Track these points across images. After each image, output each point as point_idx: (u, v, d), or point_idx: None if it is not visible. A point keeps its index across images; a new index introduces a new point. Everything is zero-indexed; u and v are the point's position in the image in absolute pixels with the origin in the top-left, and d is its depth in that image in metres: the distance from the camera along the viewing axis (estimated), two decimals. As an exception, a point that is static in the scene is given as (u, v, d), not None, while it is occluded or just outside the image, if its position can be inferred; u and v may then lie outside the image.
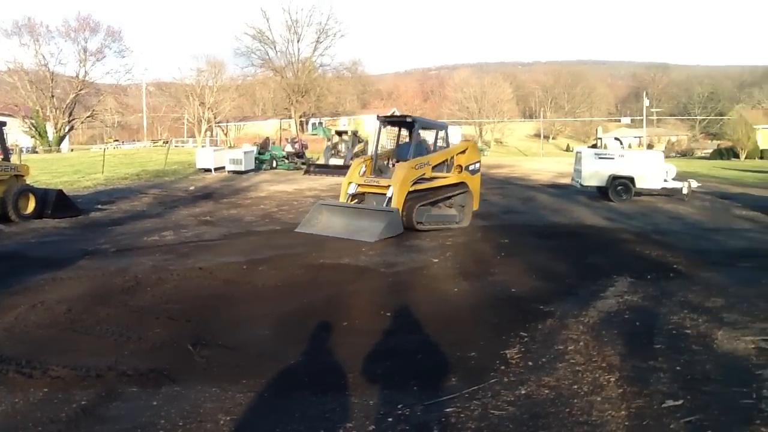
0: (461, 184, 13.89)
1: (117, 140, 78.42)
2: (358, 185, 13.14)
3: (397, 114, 79.08)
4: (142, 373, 4.98)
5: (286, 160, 32.83)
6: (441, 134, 14.55)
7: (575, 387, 4.75)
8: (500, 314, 6.83)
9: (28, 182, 14.45)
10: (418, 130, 13.81)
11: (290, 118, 74.31)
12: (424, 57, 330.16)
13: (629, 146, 56.71)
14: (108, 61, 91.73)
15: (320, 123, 52.67)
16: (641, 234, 12.79)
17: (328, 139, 31.96)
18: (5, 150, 14.46)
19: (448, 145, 14.53)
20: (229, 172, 28.71)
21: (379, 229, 11.53)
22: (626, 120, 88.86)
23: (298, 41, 75.30)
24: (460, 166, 14.01)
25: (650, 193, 20.07)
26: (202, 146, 50.43)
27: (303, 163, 31.83)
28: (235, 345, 5.76)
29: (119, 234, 12.17)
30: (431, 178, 13.32)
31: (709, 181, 26.75)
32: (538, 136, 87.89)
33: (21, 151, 32.18)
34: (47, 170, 26.89)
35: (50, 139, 59.22)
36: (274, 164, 32.21)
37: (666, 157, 21.93)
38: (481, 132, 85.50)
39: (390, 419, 4.24)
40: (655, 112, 79.18)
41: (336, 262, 9.57)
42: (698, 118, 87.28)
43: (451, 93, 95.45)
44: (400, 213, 12.17)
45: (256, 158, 30.85)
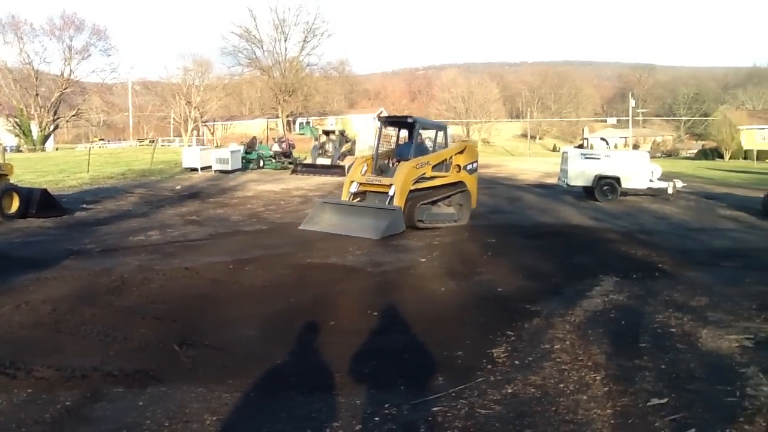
0: (460, 184, 14.11)
1: (102, 139, 77.80)
2: (360, 184, 13.32)
3: (385, 114, 79.28)
4: (128, 374, 4.95)
5: (273, 160, 32.68)
6: (440, 134, 14.77)
7: (561, 386, 4.78)
8: (487, 314, 6.86)
9: (12, 181, 14.29)
10: (418, 131, 13.99)
11: (277, 117, 74.01)
12: (411, 57, 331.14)
13: (615, 146, 57.28)
14: (93, 60, 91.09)
15: (307, 122, 52.65)
16: (627, 234, 12.89)
17: (316, 139, 31.86)
18: (-11, 149, 14.31)
19: (447, 145, 14.72)
20: (215, 171, 28.54)
21: (382, 227, 11.73)
22: (612, 120, 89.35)
23: (285, 40, 75.04)
24: (459, 166, 14.22)
25: (636, 193, 20.22)
26: (189, 145, 50.00)
27: (290, 163, 31.69)
28: (221, 345, 5.74)
29: (104, 234, 12.08)
30: (431, 177, 13.51)
31: (694, 182, 26.97)
32: (524, 136, 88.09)
33: (5, 150, 31.74)
34: (32, 169, 26.61)
35: (35, 137, 58.53)
36: (261, 164, 32.05)
37: (651, 158, 22.11)
38: (468, 132, 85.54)
39: (377, 419, 4.25)
40: (640, 112, 79.50)
41: (323, 262, 9.57)
42: (683, 118, 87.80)
43: (439, 93, 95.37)
44: (402, 211, 12.34)
45: (243, 158, 30.70)
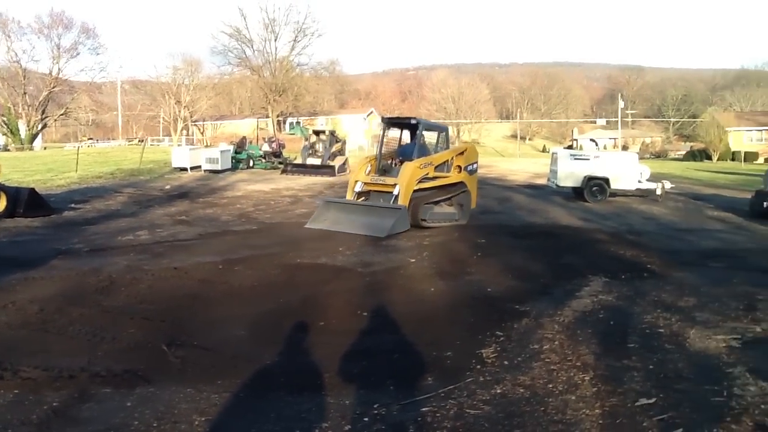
0: (461, 184, 14.30)
1: (91, 138, 77.13)
2: (365, 183, 13.49)
3: (376, 114, 79.29)
4: (116, 374, 4.92)
5: (263, 160, 32.57)
6: (442, 136, 14.92)
7: (550, 386, 4.80)
8: (476, 314, 6.87)
9: (-1, 180, 14.19)
10: (421, 132, 14.15)
11: (267, 117, 73.83)
12: (401, 57, 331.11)
13: (604, 147, 57.58)
14: (82, 59, 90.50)
15: (297, 122, 52.47)
16: (616, 234, 12.94)
17: (306, 139, 31.77)
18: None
19: (448, 146, 14.91)
20: (205, 171, 28.40)
21: (389, 225, 11.94)
22: (601, 121, 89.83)
23: (276, 40, 74.85)
24: (459, 167, 14.39)
25: (625, 193, 20.30)
26: (178, 145, 49.79)
27: (280, 163, 31.58)
28: (210, 345, 5.72)
29: (93, 233, 11.99)
30: (433, 178, 13.69)
31: (682, 183, 27.15)
32: (514, 136, 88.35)
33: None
34: (19, 168, 26.39)
35: (23, 136, 58.12)
36: (251, 163, 31.94)
37: (640, 159, 22.25)
38: (458, 132, 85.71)
39: (366, 419, 4.24)
40: (630, 113, 79.99)
41: (313, 262, 9.55)
42: (672, 120, 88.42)
43: (429, 93, 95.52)
44: (408, 210, 12.55)
45: (232, 157, 30.57)
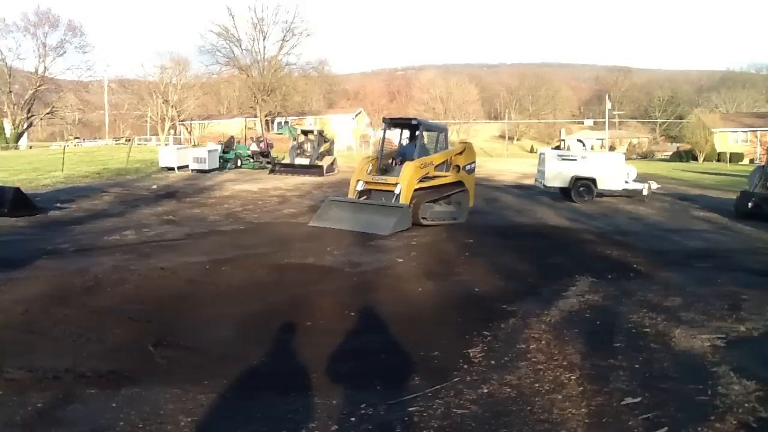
0: (459, 183, 14.51)
1: (77, 138, 76.31)
2: (366, 182, 13.65)
3: (364, 114, 79.31)
4: (101, 375, 4.89)
5: (251, 159, 32.43)
6: (441, 136, 15.09)
7: (537, 385, 4.82)
8: (464, 314, 6.89)
9: (-17, 180, 14.07)
10: (422, 132, 14.34)
11: (256, 116, 73.56)
12: (390, 57, 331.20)
13: (592, 148, 57.72)
14: (69, 57, 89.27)
15: (286, 122, 52.37)
16: (602, 234, 13.03)
17: (294, 139, 31.67)
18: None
19: (447, 146, 15.09)
20: (192, 170, 28.25)
21: (391, 224, 12.16)
22: (589, 122, 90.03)
23: (264, 39, 74.62)
24: (458, 166, 14.59)
25: (612, 194, 20.45)
26: (166, 144, 49.52)
27: (268, 162, 31.47)
28: (197, 346, 5.69)
29: (79, 233, 11.89)
30: (433, 177, 13.86)
31: (669, 183, 27.36)
32: (502, 137, 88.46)
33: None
34: (4, 167, 26.17)
35: (8, 135, 57.65)
36: (239, 163, 31.80)
37: (627, 159, 22.39)
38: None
39: (353, 419, 4.24)
40: (617, 114, 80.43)
41: (301, 262, 9.53)
42: (659, 121, 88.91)
43: (418, 94, 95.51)
44: (410, 208, 12.75)
45: (220, 157, 30.41)
